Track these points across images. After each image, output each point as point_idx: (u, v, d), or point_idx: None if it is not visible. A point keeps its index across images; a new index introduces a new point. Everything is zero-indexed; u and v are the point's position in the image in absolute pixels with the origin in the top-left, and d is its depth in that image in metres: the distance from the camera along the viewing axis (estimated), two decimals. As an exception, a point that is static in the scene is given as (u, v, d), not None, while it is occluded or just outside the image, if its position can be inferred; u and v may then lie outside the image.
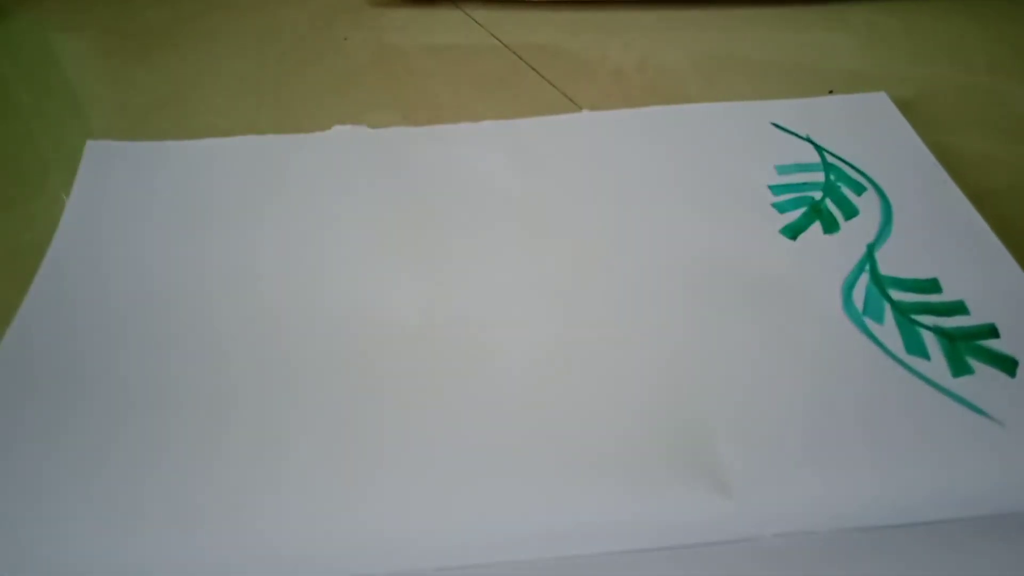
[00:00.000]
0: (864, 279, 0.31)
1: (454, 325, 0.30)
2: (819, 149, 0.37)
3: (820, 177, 0.36)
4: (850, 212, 0.34)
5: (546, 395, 0.28)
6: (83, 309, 0.30)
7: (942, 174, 0.35)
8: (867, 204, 0.34)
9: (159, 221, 0.34)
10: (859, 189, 0.35)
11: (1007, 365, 0.28)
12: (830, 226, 0.34)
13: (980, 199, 0.34)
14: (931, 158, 0.36)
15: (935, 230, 0.33)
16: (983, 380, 0.28)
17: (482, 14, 0.47)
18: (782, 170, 0.36)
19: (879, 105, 0.40)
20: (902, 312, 0.30)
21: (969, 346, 0.29)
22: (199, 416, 0.27)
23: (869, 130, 0.38)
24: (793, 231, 0.33)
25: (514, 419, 0.27)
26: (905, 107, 0.39)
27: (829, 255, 0.32)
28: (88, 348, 0.29)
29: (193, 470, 0.25)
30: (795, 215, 0.34)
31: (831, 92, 0.40)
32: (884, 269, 0.32)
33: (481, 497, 0.25)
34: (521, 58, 0.44)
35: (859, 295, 0.31)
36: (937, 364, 0.28)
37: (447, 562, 0.24)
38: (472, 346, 0.29)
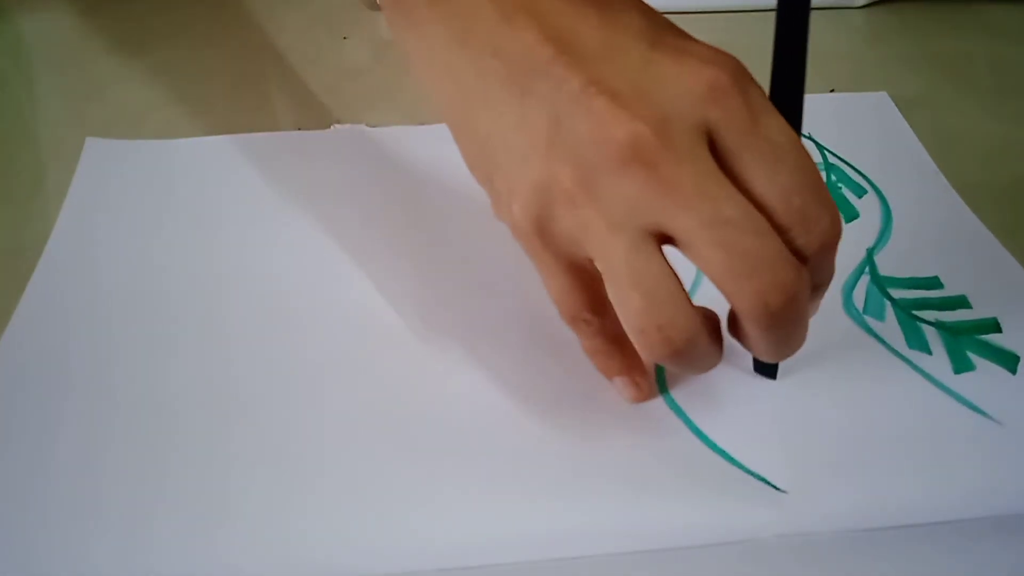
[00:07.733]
0: (864, 280, 0.31)
1: (453, 325, 0.30)
2: (820, 148, 0.37)
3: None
4: (850, 215, 0.34)
5: (546, 395, 0.27)
6: (80, 306, 0.30)
7: (940, 179, 0.35)
8: (867, 207, 0.34)
9: (157, 219, 0.34)
10: (859, 191, 0.35)
11: (1009, 361, 0.28)
12: (830, 226, 0.33)
13: (979, 198, 0.34)
14: (930, 162, 0.36)
15: (933, 234, 0.33)
16: (984, 377, 0.28)
17: (482, 14, 0.47)
18: (783, 169, 0.36)
19: (879, 105, 0.40)
20: (903, 308, 0.30)
21: (971, 340, 0.29)
22: (196, 416, 0.27)
23: (869, 130, 0.38)
24: (793, 231, 0.33)
25: (516, 419, 0.27)
26: (905, 106, 0.39)
27: (829, 256, 0.32)
28: (84, 346, 0.29)
29: (191, 470, 0.25)
30: (795, 215, 0.34)
31: (832, 90, 0.40)
32: (884, 271, 0.31)
33: (483, 497, 0.25)
34: (521, 58, 0.43)
35: (859, 296, 0.30)
36: (939, 359, 0.28)
37: (447, 563, 0.23)
38: (471, 345, 0.29)
